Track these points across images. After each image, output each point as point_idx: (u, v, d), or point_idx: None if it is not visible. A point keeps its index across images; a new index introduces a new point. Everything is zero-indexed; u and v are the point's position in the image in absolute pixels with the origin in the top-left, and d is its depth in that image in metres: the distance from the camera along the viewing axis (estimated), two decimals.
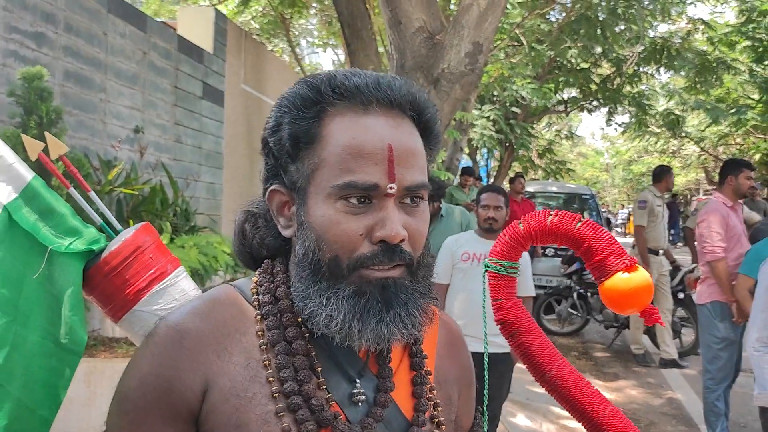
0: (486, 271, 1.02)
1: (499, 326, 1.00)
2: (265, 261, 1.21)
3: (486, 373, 1.10)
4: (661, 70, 13.87)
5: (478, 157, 19.59)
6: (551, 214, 0.98)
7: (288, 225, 1.13)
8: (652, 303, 3.72)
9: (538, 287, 11.48)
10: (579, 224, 0.95)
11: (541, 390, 0.99)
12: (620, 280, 0.91)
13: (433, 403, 1.19)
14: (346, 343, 1.04)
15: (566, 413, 1.00)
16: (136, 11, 8.08)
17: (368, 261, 1.02)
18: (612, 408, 0.94)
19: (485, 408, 1.25)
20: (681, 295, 8.71)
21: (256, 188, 1.22)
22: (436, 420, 1.18)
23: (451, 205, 5.88)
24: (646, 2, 11.95)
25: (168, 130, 8.53)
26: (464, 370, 1.34)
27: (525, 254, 4.93)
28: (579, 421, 0.96)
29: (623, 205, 52.73)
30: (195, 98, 9.32)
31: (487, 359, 1.12)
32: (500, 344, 3.79)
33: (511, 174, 17.26)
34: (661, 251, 8.42)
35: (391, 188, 1.01)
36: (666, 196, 9.03)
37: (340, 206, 1.02)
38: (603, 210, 17.91)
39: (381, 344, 1.04)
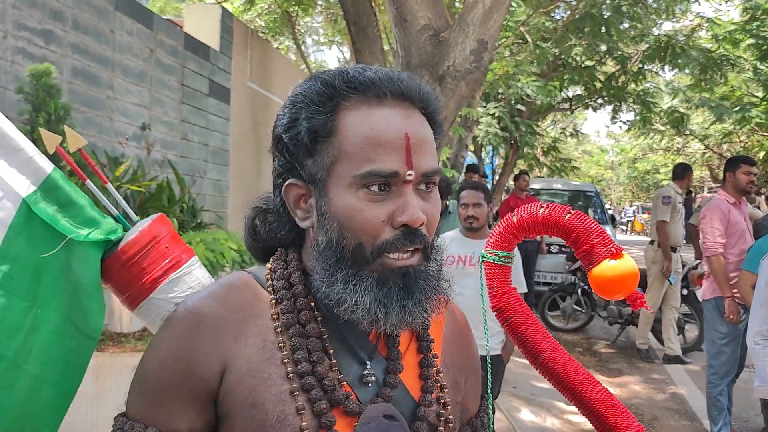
0: (482, 261, 1.08)
1: (495, 312, 1.06)
2: (278, 249, 1.26)
3: (488, 358, 1.15)
4: (666, 67, 13.85)
5: (483, 155, 19.61)
6: (543, 207, 1.03)
7: (305, 217, 1.17)
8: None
9: (542, 284, 11.53)
10: (568, 215, 1.00)
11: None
12: (607, 267, 0.96)
13: (439, 385, 1.25)
14: (372, 327, 1.09)
15: (570, 408, 1.05)
16: (143, 9, 8.14)
17: (390, 246, 1.07)
18: (601, 388, 0.99)
19: (489, 392, 1.31)
20: (684, 292, 8.73)
21: (262, 185, 1.29)
22: (443, 401, 1.24)
23: (456, 201, 5.93)
24: (651, 0, 11.96)
25: (175, 127, 8.59)
26: (470, 356, 1.40)
27: (516, 252, 4.93)
28: (570, 401, 1.01)
29: (631, 203, 52.53)
30: (201, 95, 9.37)
31: (488, 346, 1.18)
32: (490, 347, 3.76)
33: (516, 171, 17.26)
34: (677, 248, 8.44)
35: (410, 175, 1.07)
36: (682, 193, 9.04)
37: (361, 195, 1.07)
38: (608, 207, 17.91)
39: (403, 327, 1.10)
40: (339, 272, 1.10)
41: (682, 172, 8.58)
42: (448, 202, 5.63)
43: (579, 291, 10.07)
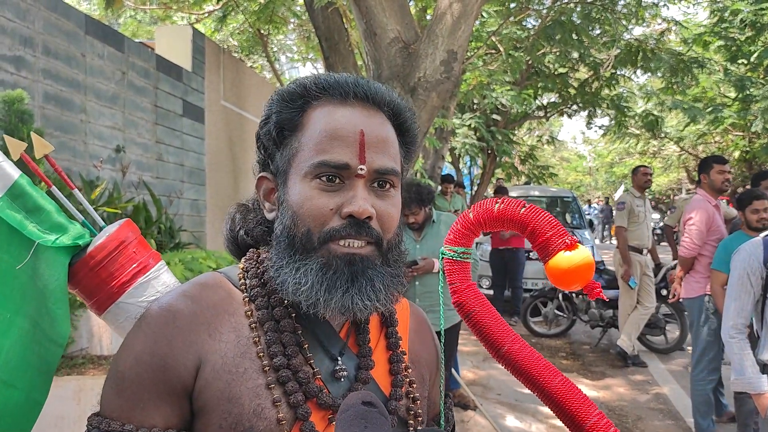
0: (442, 257, 1.10)
1: (456, 308, 1.08)
2: (250, 249, 1.30)
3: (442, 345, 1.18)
4: (638, 72, 13.93)
5: (461, 165, 19.68)
6: (498, 202, 1.05)
7: (272, 209, 1.23)
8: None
9: (524, 290, 11.56)
10: (523, 210, 1.02)
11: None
12: (563, 258, 0.99)
13: (408, 380, 1.29)
14: (313, 310, 1.11)
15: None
16: (114, 32, 8.12)
17: (337, 234, 1.10)
18: (562, 378, 1.01)
19: (445, 391, 1.35)
20: (664, 292, 8.79)
21: None
22: (412, 395, 1.29)
23: (439, 212, 5.96)
24: (620, 6, 12.05)
25: (149, 148, 8.56)
26: (433, 353, 1.44)
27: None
28: (533, 391, 1.03)
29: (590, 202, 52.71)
30: (175, 116, 9.35)
31: (443, 334, 1.21)
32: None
33: (494, 180, 17.30)
34: (645, 250, 8.49)
35: (361, 169, 1.11)
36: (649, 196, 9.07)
37: (314, 184, 1.12)
38: (586, 211, 18.03)
39: (346, 314, 1.11)
40: (287, 257, 1.14)
41: (632, 174, 8.67)
42: (431, 211, 5.66)
43: (560, 296, 10.12)
